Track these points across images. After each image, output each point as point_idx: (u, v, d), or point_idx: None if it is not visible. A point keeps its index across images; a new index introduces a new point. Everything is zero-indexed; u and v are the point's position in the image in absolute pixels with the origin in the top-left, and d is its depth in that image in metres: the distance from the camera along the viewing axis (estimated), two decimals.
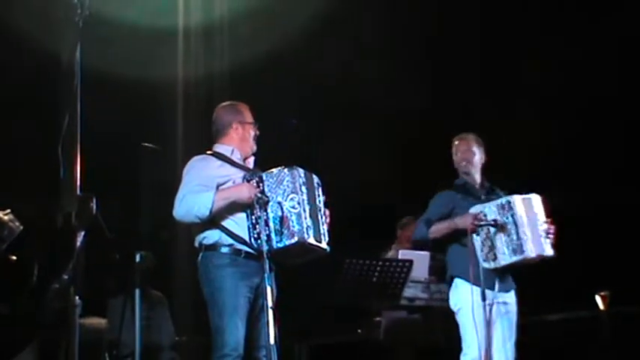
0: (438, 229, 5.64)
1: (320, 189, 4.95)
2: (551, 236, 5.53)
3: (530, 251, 5.43)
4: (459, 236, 5.62)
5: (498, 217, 5.45)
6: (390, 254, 7.08)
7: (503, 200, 5.53)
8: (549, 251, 5.52)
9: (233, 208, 4.76)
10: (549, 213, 5.58)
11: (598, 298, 7.33)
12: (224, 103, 5.16)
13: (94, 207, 4.01)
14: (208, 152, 5.00)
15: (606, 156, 8.24)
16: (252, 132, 5.04)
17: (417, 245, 6.06)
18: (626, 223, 7.87)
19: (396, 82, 8.51)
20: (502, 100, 8.42)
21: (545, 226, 5.53)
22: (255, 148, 5.05)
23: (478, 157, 5.80)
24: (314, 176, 4.95)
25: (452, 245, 5.70)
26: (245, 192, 4.71)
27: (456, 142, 5.85)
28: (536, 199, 5.59)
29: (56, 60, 5.18)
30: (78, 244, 3.91)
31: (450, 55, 8.64)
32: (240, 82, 8.31)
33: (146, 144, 6.27)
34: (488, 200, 5.63)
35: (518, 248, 5.43)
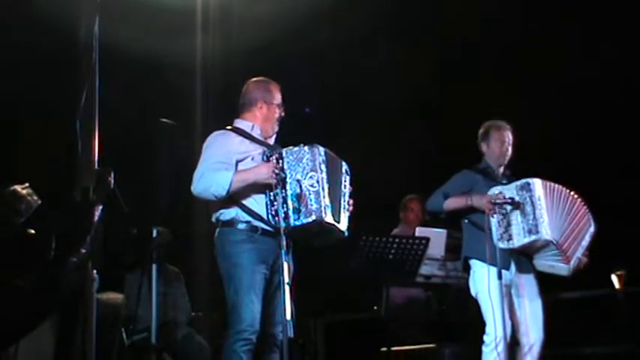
0: (453, 202, 5.65)
1: (347, 177, 4.95)
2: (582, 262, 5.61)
3: (546, 233, 5.42)
4: (473, 215, 5.65)
5: (516, 197, 5.45)
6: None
7: (522, 181, 5.53)
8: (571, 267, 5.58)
9: (251, 188, 4.76)
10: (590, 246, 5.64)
11: (614, 277, 7.31)
12: (256, 78, 5.10)
13: (112, 181, 4.03)
14: (228, 127, 4.98)
15: (622, 136, 8.19)
16: (277, 113, 5.02)
17: (430, 215, 6.06)
18: None
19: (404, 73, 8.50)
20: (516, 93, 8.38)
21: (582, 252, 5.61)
22: (276, 129, 5.02)
23: (511, 148, 5.80)
24: (343, 163, 4.96)
25: (466, 225, 5.73)
26: (264, 172, 4.69)
27: (493, 130, 5.82)
28: (593, 231, 5.63)
29: (74, 35, 5.18)
30: (95, 218, 3.93)
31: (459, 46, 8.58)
32: (258, 57, 8.28)
33: (164, 119, 6.28)
34: (508, 184, 5.64)
35: (534, 228, 5.42)
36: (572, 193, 5.61)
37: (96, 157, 4.07)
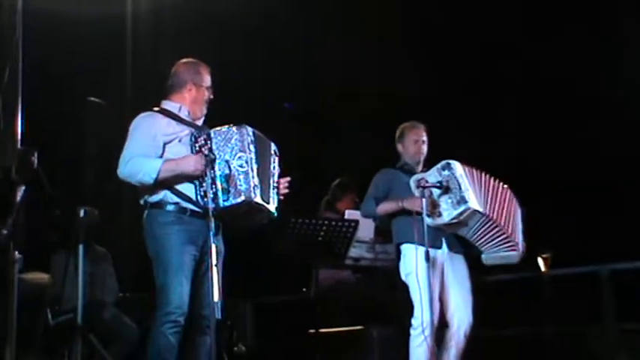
0: (386, 207, 5.81)
1: (276, 158, 4.95)
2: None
3: (473, 203, 5.50)
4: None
5: (441, 179, 5.52)
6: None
7: (442, 163, 5.64)
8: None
9: (179, 176, 4.73)
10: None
11: (540, 260, 7.41)
12: (186, 60, 5.04)
13: (35, 161, 3.95)
14: (155, 109, 4.92)
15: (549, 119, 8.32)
16: (206, 96, 4.97)
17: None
18: (568, 184, 7.98)
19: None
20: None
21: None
22: (205, 111, 4.98)
23: (426, 146, 5.96)
24: (272, 144, 4.96)
25: (397, 215, 5.80)
26: (191, 165, 4.66)
27: (407, 130, 5.98)
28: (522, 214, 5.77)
29: None
30: (18, 198, 3.85)
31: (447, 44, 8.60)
32: (188, 32, 8.20)
33: (92, 98, 6.18)
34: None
35: (461, 199, 5.51)
36: (490, 176, 5.71)
37: (19, 136, 3.98)
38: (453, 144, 5.70)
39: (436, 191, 5.53)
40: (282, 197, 4.95)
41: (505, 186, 5.75)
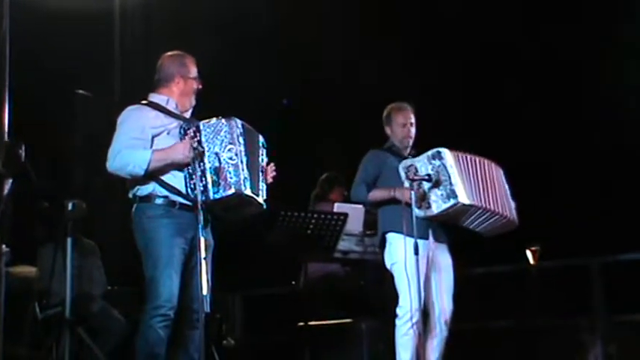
0: (377, 194, 5.75)
1: (264, 150, 4.95)
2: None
3: (463, 197, 5.46)
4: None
5: (431, 172, 5.49)
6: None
7: (432, 151, 5.58)
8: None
9: (169, 166, 4.71)
10: None
11: (528, 253, 7.43)
12: (171, 53, 5.04)
13: (23, 154, 3.94)
14: (143, 102, 4.91)
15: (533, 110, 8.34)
16: (194, 87, 4.97)
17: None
18: (558, 178, 8.00)
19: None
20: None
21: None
22: (194, 102, 4.98)
23: (414, 128, 5.90)
24: (260, 136, 4.95)
25: (385, 204, 5.77)
26: (180, 152, 4.65)
27: (394, 113, 5.92)
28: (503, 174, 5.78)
29: None
30: (5, 191, 3.83)
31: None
32: (178, 27, 8.18)
33: (80, 91, 6.17)
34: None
35: (451, 193, 5.47)
36: (477, 158, 5.67)
37: (6, 129, 3.96)
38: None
39: (426, 183, 5.51)
40: (271, 180, 4.94)
41: (487, 161, 5.70)
